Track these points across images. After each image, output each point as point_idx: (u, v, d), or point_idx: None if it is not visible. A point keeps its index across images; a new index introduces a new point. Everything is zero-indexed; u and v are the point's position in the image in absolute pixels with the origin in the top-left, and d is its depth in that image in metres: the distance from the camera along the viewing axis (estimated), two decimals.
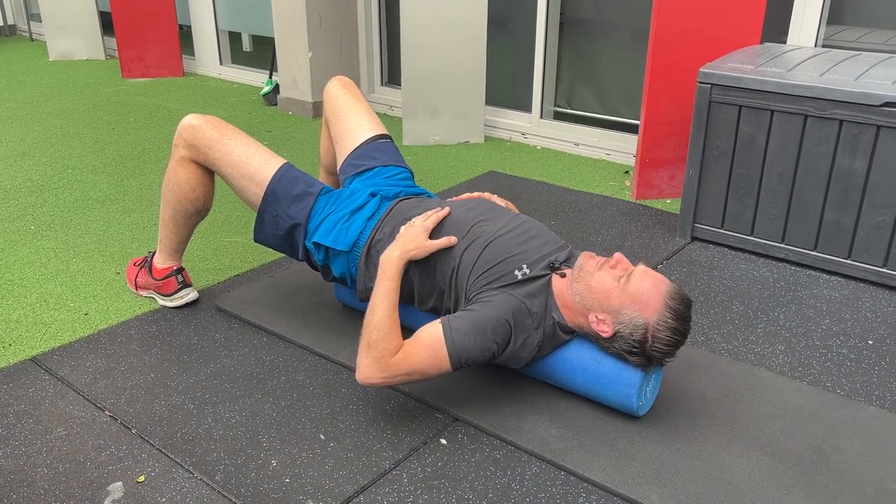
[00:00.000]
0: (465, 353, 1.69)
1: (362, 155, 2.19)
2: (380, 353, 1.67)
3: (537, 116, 3.95)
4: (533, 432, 1.76)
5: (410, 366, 1.68)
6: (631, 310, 1.67)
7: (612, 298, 1.69)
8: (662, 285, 1.69)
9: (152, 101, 4.76)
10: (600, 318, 1.72)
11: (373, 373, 1.67)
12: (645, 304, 1.66)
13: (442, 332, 1.70)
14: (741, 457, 1.68)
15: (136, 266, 2.40)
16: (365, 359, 1.68)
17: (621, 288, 1.68)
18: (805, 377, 1.99)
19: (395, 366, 1.67)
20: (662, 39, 2.92)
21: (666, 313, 1.66)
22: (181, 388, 1.93)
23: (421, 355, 1.69)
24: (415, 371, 1.69)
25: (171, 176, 2.12)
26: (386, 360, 1.67)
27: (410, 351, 1.69)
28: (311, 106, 4.40)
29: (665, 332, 1.66)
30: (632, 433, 1.76)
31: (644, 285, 1.67)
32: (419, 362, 1.68)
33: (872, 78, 2.38)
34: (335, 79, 2.34)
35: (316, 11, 4.24)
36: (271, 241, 2.08)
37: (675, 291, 1.69)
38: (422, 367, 1.69)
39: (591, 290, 1.72)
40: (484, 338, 1.70)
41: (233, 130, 2.08)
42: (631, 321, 1.67)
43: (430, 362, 1.69)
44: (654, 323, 1.66)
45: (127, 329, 2.20)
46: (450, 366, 1.70)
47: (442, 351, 1.69)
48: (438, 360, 1.69)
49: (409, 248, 1.81)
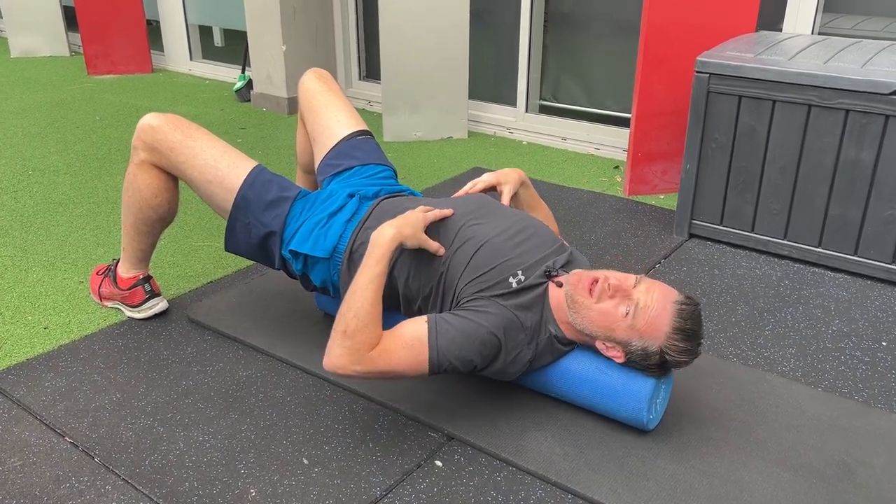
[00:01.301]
0: (446, 360, 1.56)
1: (340, 153, 2.04)
2: (356, 345, 1.52)
3: (523, 110, 3.81)
4: (535, 451, 1.62)
5: (387, 364, 1.54)
6: (641, 342, 1.56)
7: (619, 333, 1.57)
8: (668, 306, 1.55)
9: (119, 99, 4.55)
10: (609, 345, 1.60)
11: (344, 364, 1.51)
12: (654, 334, 1.55)
13: (426, 334, 1.56)
14: (761, 473, 1.56)
15: (99, 275, 2.23)
16: (338, 347, 1.52)
17: (628, 325, 1.56)
18: (819, 383, 1.88)
19: (372, 361, 1.52)
20: (655, 28, 2.79)
21: (674, 336, 1.54)
22: (150, 410, 1.76)
23: (400, 355, 1.55)
24: (391, 371, 1.55)
25: (131, 181, 1.95)
26: (362, 353, 1.52)
27: (390, 348, 1.55)
28: (286, 102, 4.23)
29: (677, 353, 1.55)
30: (642, 449, 1.63)
31: (649, 316, 1.54)
32: (397, 363, 1.54)
33: (879, 65, 2.27)
34: (310, 71, 2.19)
35: (290, 3, 4.07)
36: (244, 250, 1.91)
37: (682, 308, 1.55)
38: (399, 368, 1.55)
39: (593, 322, 1.59)
40: (469, 349, 1.57)
41: (197, 130, 1.91)
42: (643, 350, 1.56)
43: (409, 364, 1.55)
44: (665, 345, 1.55)
45: (90, 344, 2.03)
46: (427, 370, 1.57)
47: (423, 353, 1.55)
48: (417, 362, 1.56)
49: (405, 232, 1.63)
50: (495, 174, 1.91)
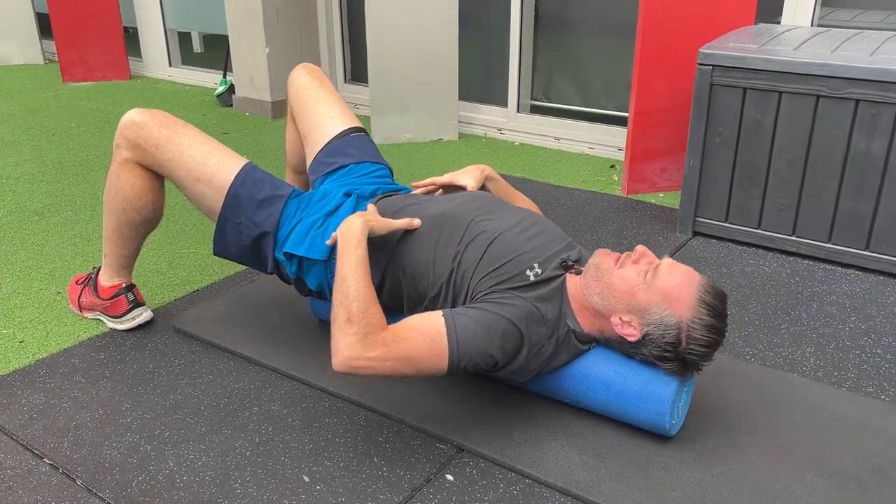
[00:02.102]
0: (466, 355, 1.44)
1: (334, 151, 1.93)
2: (365, 328, 1.39)
3: (514, 111, 3.72)
4: (552, 461, 1.52)
5: (403, 350, 1.40)
6: (660, 307, 1.45)
7: (638, 296, 1.47)
8: (694, 278, 1.47)
9: (96, 106, 4.41)
10: (625, 319, 1.49)
11: (356, 352, 1.37)
12: (676, 300, 1.44)
13: (444, 325, 1.44)
14: (793, 479, 1.47)
15: (79, 284, 2.10)
16: (345, 336, 1.39)
17: (648, 284, 1.46)
18: (843, 382, 1.79)
19: (386, 345, 1.39)
20: (652, 22, 2.71)
21: (701, 309, 1.44)
22: (136, 427, 1.64)
23: (417, 341, 1.42)
24: (407, 357, 1.41)
25: (114, 181, 1.83)
26: (373, 336, 1.39)
27: (403, 333, 1.42)
28: (269, 105, 4.11)
29: (701, 331, 1.44)
30: (665, 457, 1.53)
31: (674, 279, 1.45)
32: (414, 349, 1.41)
33: (889, 54, 2.20)
34: (300, 66, 2.08)
35: (272, 5, 3.96)
36: (234, 253, 1.80)
37: (709, 284, 1.47)
38: (416, 356, 1.41)
39: (612, 288, 1.49)
40: (490, 342, 1.45)
41: (184, 126, 1.80)
42: (661, 321, 1.45)
43: (426, 353, 1.42)
44: (687, 320, 1.44)
45: (70, 358, 1.90)
46: (446, 364, 1.44)
47: (441, 345, 1.43)
48: (435, 355, 1.43)
49: (369, 218, 1.56)
50: (452, 173, 1.83)
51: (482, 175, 1.83)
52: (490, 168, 1.85)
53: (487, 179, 1.85)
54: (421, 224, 1.63)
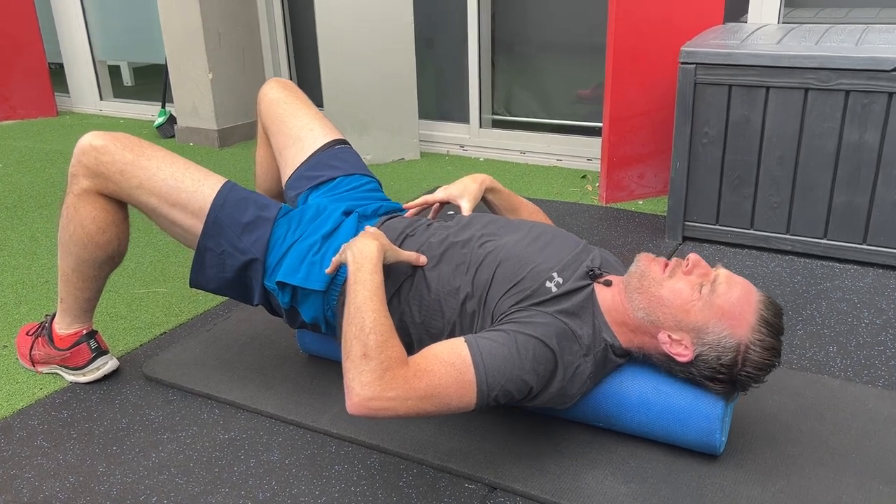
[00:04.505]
0: (497, 383, 1.28)
1: (318, 164, 1.76)
2: (384, 363, 1.22)
3: (476, 126, 3.61)
4: (598, 493, 1.36)
5: (427, 386, 1.23)
6: (719, 327, 1.31)
7: (693, 314, 1.33)
8: (753, 294, 1.34)
9: (24, 144, 4.10)
10: (675, 337, 1.35)
11: (374, 392, 1.20)
12: (737, 320, 1.31)
13: (468, 352, 1.28)
14: (858, 490, 1.35)
15: (30, 336, 1.85)
16: (361, 374, 1.21)
17: (706, 300, 1.32)
18: (876, 380, 1.71)
19: (406, 382, 1.22)
20: (622, 25, 2.64)
21: (762, 329, 1.31)
22: (115, 494, 1.42)
23: (440, 374, 1.25)
24: (432, 395, 1.24)
25: (72, 216, 1.61)
26: (394, 371, 1.22)
27: (425, 366, 1.25)
28: (216, 134, 3.89)
29: (760, 353, 1.32)
30: (718, 477, 1.40)
31: (733, 295, 1.32)
32: (438, 384, 1.24)
33: (874, 43, 2.17)
34: (272, 80, 1.92)
35: (213, 28, 3.76)
36: (215, 285, 1.60)
37: (768, 300, 1.35)
38: (441, 391, 1.24)
39: (661, 303, 1.35)
40: (522, 366, 1.29)
41: (150, 147, 1.60)
42: (719, 342, 1.32)
43: (452, 387, 1.25)
44: (747, 342, 1.31)
45: (27, 419, 1.66)
46: (475, 398, 1.27)
47: (468, 376, 1.26)
48: (461, 386, 1.26)
49: (383, 242, 1.39)
50: (446, 189, 1.66)
51: (480, 189, 1.67)
52: (489, 178, 1.70)
53: (488, 191, 1.70)
54: (427, 262, 1.47)
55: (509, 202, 1.74)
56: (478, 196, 1.67)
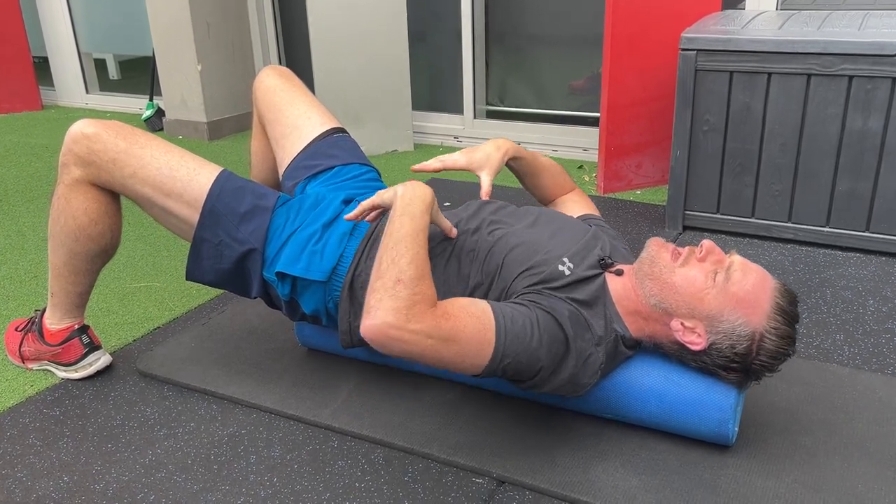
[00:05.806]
0: (512, 349, 1.25)
1: (317, 153, 1.72)
2: (416, 296, 1.19)
3: (470, 117, 3.56)
4: (609, 485, 1.33)
5: (451, 329, 1.21)
6: (734, 315, 1.29)
7: (707, 301, 1.30)
8: (768, 281, 1.32)
9: (8, 139, 4.02)
10: (688, 325, 1.32)
11: (398, 320, 1.17)
12: (752, 307, 1.28)
13: (493, 313, 1.26)
14: (874, 479, 1.33)
15: (19, 331, 1.80)
16: (390, 299, 1.18)
17: (720, 288, 1.29)
18: (885, 368, 1.68)
19: (435, 320, 1.20)
20: (620, 12, 2.60)
21: (777, 317, 1.28)
22: (112, 493, 1.37)
23: (465, 322, 1.23)
24: (452, 339, 1.21)
25: (63, 207, 1.56)
26: (423, 306, 1.19)
27: (453, 312, 1.23)
28: (205, 126, 3.82)
29: (775, 342, 1.29)
30: (731, 468, 1.37)
31: (748, 282, 1.29)
32: (462, 330, 1.22)
33: (877, 28, 2.15)
34: (268, 67, 1.86)
35: (202, 19, 3.69)
36: (212, 277, 1.56)
37: (784, 288, 1.32)
38: (462, 339, 1.22)
39: (674, 290, 1.32)
40: (540, 341, 1.27)
41: (144, 136, 1.55)
42: (734, 330, 1.29)
43: (473, 338, 1.23)
44: (762, 330, 1.28)
45: (18, 417, 1.61)
46: (489, 357, 1.25)
47: (489, 334, 1.24)
48: (482, 344, 1.24)
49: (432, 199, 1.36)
50: (468, 155, 1.57)
51: (502, 161, 1.59)
52: (513, 145, 1.62)
53: (511, 160, 1.64)
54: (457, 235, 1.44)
55: (532, 167, 1.69)
56: (499, 168, 1.60)
